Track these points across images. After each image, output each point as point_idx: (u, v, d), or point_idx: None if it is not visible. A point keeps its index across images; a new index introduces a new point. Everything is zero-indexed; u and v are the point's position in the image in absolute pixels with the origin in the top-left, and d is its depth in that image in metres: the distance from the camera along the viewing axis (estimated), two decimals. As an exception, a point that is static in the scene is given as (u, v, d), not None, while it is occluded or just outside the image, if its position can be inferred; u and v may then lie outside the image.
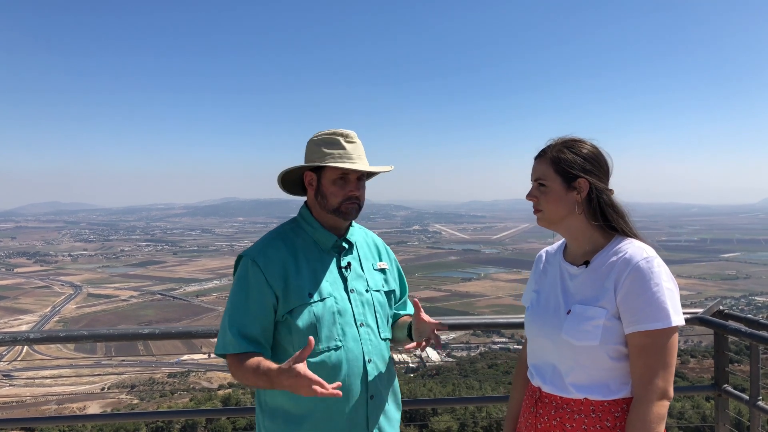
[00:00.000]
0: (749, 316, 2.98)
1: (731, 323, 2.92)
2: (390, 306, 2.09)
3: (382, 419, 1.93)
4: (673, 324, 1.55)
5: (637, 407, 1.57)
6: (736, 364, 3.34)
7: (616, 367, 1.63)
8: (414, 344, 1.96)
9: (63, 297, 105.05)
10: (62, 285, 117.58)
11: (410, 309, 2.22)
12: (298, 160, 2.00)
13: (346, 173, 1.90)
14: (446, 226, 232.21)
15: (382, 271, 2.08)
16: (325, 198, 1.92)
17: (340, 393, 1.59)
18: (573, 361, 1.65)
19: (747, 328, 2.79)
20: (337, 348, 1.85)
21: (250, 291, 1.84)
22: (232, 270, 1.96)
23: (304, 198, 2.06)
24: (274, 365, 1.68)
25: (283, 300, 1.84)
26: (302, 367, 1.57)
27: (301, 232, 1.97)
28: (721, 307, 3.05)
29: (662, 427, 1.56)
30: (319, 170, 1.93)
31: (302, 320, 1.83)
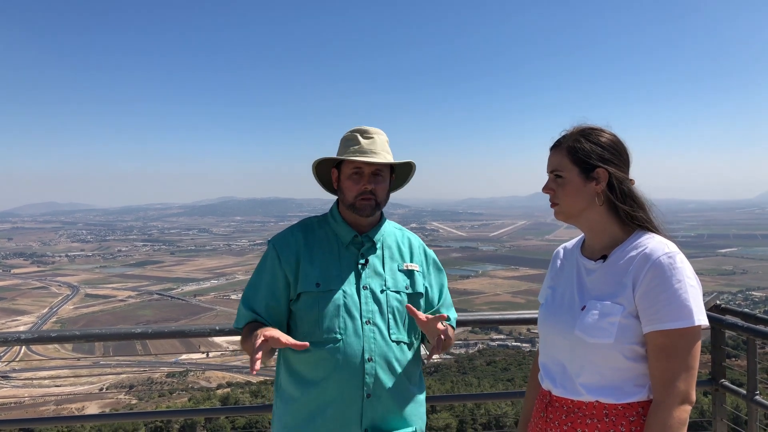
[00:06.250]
0: (746, 310, 2.97)
1: (728, 318, 2.90)
2: (417, 309, 2.03)
3: (383, 421, 1.89)
4: (697, 323, 1.46)
5: (657, 412, 1.47)
6: (734, 359, 3.35)
7: (631, 368, 1.53)
8: (433, 350, 1.84)
9: (60, 298, 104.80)
10: (59, 286, 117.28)
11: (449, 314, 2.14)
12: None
13: (360, 168, 1.94)
14: (444, 224, 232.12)
15: (410, 272, 2.04)
16: (342, 193, 1.99)
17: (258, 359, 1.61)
18: (585, 360, 1.56)
19: (744, 323, 2.78)
20: (336, 340, 1.87)
21: (264, 272, 1.98)
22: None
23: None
24: (262, 329, 1.73)
25: (293, 284, 1.94)
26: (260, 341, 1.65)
27: (325, 224, 2.04)
28: (718, 302, 3.04)
29: None
30: (339, 166, 2.00)
31: (305, 308, 1.91)
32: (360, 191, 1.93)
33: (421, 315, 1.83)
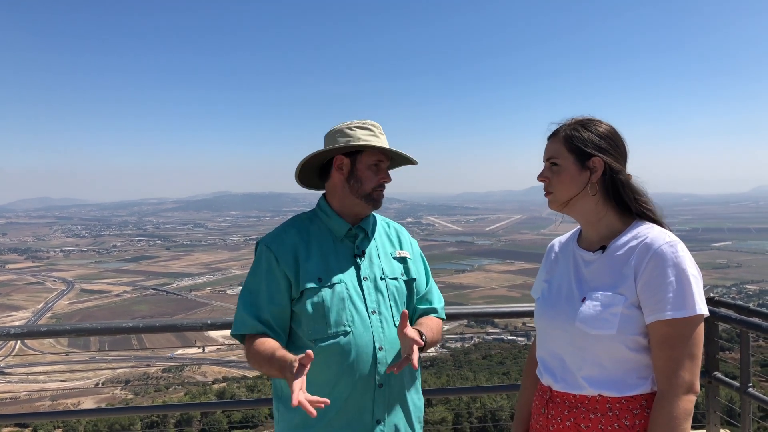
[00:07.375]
0: (739, 303, 2.98)
1: (721, 310, 2.91)
2: (411, 296, 2.04)
3: (392, 410, 1.89)
4: (699, 312, 1.43)
5: (662, 402, 1.44)
6: (727, 352, 3.36)
7: (634, 360, 1.50)
8: (396, 366, 1.70)
9: (55, 293, 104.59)
10: (54, 281, 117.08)
11: (435, 304, 2.11)
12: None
13: (380, 160, 1.93)
14: (439, 218, 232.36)
15: (403, 260, 2.05)
16: (360, 182, 1.93)
17: (313, 411, 1.46)
18: (586, 353, 1.52)
19: (737, 315, 2.79)
20: (345, 333, 1.85)
21: (261, 275, 1.91)
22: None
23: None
24: (289, 356, 1.62)
25: (294, 284, 1.88)
26: (298, 382, 1.52)
27: (317, 220, 2.01)
28: (711, 294, 3.05)
29: (689, 424, 1.43)
30: (353, 155, 1.94)
31: (311, 305, 1.86)
32: (379, 183, 1.93)
33: (408, 330, 1.72)
